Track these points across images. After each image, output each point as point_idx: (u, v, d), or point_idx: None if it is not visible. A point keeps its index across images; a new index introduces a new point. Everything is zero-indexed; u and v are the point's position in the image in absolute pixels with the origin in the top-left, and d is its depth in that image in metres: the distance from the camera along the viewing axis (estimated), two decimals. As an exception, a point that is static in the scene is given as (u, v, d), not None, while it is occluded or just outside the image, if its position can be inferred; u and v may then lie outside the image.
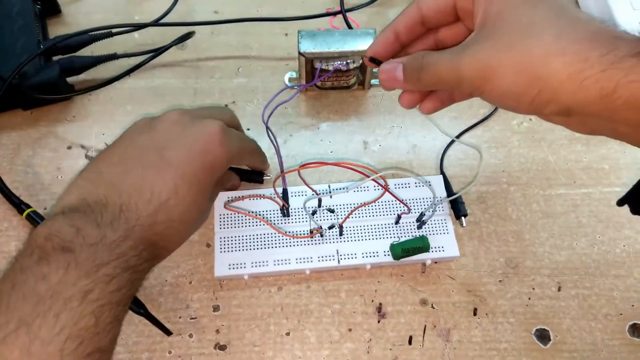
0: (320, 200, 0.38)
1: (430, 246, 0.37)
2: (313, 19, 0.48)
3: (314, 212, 0.39)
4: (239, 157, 0.36)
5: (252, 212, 0.38)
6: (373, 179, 0.32)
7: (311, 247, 0.38)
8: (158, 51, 0.46)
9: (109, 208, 0.28)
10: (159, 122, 0.32)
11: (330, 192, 0.40)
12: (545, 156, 0.43)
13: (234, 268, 0.37)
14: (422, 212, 0.38)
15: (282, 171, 0.39)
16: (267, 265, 0.37)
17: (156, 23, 0.47)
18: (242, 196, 0.39)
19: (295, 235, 0.38)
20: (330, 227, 0.38)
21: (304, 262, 0.37)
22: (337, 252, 0.37)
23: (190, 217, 0.31)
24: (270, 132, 0.39)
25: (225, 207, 0.38)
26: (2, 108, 0.44)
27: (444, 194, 0.40)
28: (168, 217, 0.29)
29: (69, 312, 0.24)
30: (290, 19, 0.47)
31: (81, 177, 0.30)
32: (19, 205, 0.39)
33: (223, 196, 0.39)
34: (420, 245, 0.36)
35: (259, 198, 0.39)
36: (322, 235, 0.38)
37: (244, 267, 0.37)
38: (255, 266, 0.37)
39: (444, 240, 0.38)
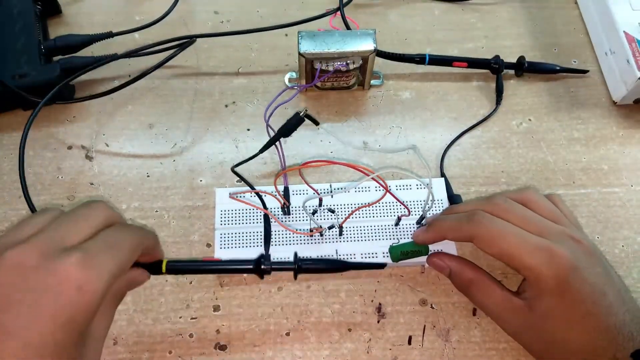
0: (320, 200, 0.38)
1: (430, 249, 0.37)
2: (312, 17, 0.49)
3: (314, 212, 0.39)
4: (117, 278, 0.26)
5: (253, 210, 0.39)
6: (373, 178, 0.32)
7: (311, 246, 0.38)
8: (162, 59, 0.46)
9: None
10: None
11: (331, 192, 0.40)
12: (545, 156, 0.43)
13: None
14: (422, 215, 0.38)
15: (283, 168, 0.39)
16: None
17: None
18: (243, 192, 0.39)
19: (295, 230, 0.38)
20: (330, 227, 0.38)
21: (304, 261, 0.37)
22: (337, 252, 0.37)
23: None
24: (272, 131, 0.39)
25: (230, 197, 0.39)
26: (2, 108, 0.44)
27: (445, 196, 0.40)
28: None
29: None
30: (291, 25, 0.47)
31: None
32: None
33: (225, 191, 0.39)
34: (419, 248, 0.37)
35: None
36: (321, 235, 0.38)
37: (243, 265, 0.37)
38: None
39: (444, 243, 0.38)
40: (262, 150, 0.40)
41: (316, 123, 0.38)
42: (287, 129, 0.38)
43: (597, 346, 0.30)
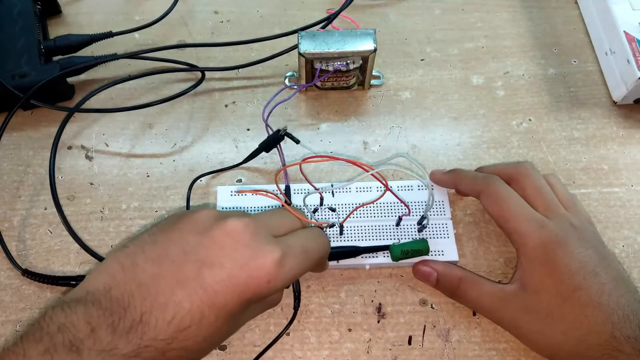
0: (322, 199, 0.38)
1: (430, 250, 0.37)
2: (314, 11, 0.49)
3: (315, 210, 0.39)
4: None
5: (252, 209, 0.38)
6: (372, 174, 0.32)
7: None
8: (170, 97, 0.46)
9: (129, 313, 0.25)
10: (219, 227, 0.28)
11: (332, 189, 0.39)
12: (545, 156, 0.43)
13: None
14: (422, 215, 0.38)
15: (283, 165, 0.39)
16: None
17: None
18: (244, 190, 0.39)
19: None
20: (331, 226, 0.38)
21: (304, 261, 0.37)
22: (337, 252, 0.37)
23: (208, 345, 0.28)
24: (270, 130, 0.39)
25: (238, 191, 0.39)
26: (2, 108, 0.44)
27: (446, 197, 0.40)
28: (184, 345, 0.26)
29: None
30: (291, 33, 0.47)
31: (117, 258, 0.28)
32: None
33: (227, 189, 0.40)
34: (419, 248, 0.37)
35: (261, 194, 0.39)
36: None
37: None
38: None
39: (444, 244, 0.38)
40: (245, 161, 0.41)
41: (296, 141, 0.38)
42: (267, 145, 0.39)
43: (592, 321, 0.30)
